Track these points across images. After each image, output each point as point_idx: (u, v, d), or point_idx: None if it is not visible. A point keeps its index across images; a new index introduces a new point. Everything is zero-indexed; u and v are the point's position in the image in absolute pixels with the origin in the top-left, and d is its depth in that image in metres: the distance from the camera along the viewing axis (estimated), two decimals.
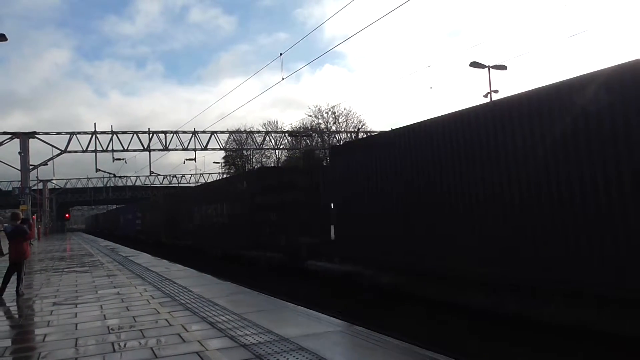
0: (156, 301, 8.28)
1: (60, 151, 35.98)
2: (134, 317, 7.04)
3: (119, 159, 39.10)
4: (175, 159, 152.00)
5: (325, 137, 48.79)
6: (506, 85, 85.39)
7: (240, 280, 11.34)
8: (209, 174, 69.43)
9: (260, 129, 54.99)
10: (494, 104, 9.84)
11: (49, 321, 7.16)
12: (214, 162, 62.98)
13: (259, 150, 48.83)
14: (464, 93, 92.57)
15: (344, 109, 54.17)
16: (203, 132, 38.81)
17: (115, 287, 10.24)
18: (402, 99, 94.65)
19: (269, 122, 61.41)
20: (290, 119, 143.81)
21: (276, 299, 8.18)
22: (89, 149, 36.38)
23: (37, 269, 15.31)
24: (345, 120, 54.16)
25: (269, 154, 54.16)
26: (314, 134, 49.47)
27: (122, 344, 5.64)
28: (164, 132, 38.20)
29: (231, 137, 50.30)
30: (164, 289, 9.60)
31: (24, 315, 7.99)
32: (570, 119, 6.77)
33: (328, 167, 13.72)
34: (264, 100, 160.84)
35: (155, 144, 37.87)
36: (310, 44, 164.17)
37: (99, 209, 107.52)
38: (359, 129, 50.09)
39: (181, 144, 38.34)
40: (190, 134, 38.50)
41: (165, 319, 6.78)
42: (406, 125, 10.17)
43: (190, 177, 73.49)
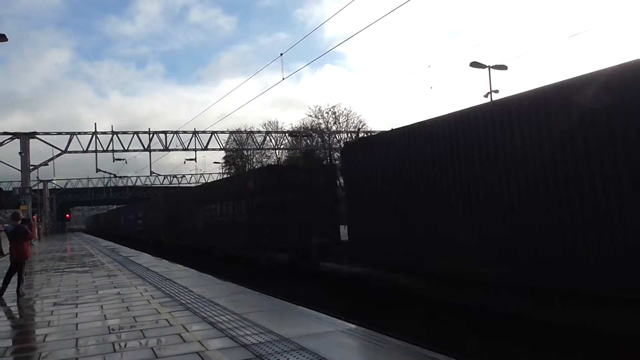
0: (157, 301, 8.29)
1: (60, 151, 35.97)
2: (134, 317, 7.05)
3: (120, 159, 39.06)
4: (175, 159, 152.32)
5: (326, 137, 48.82)
6: (506, 85, 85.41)
7: (240, 280, 11.32)
8: (209, 174, 69.52)
9: (261, 129, 55.11)
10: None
11: (49, 321, 7.17)
12: (215, 162, 63.16)
13: (259, 151, 48.78)
14: (465, 93, 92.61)
15: (344, 109, 54.25)
16: (203, 132, 38.79)
17: (115, 287, 10.25)
18: (403, 99, 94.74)
19: (269, 122, 61.58)
20: (290, 119, 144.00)
21: (277, 299, 8.19)
22: (89, 149, 36.35)
23: (38, 269, 15.32)
24: (346, 120, 54.21)
25: (269, 154, 54.19)
26: (314, 134, 49.47)
27: (123, 344, 5.64)
28: (165, 132, 38.18)
29: (231, 137, 50.35)
30: (164, 289, 9.61)
31: (25, 316, 8.00)
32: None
33: (340, 166, 13.21)
34: (264, 100, 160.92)
35: (155, 144, 37.88)
36: (311, 44, 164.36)
37: (99, 209, 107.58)
38: (359, 129, 50.10)
39: (181, 144, 38.35)
40: (191, 134, 38.47)
41: (166, 319, 6.79)
42: (430, 118, 9.70)
43: (191, 177, 73.58)
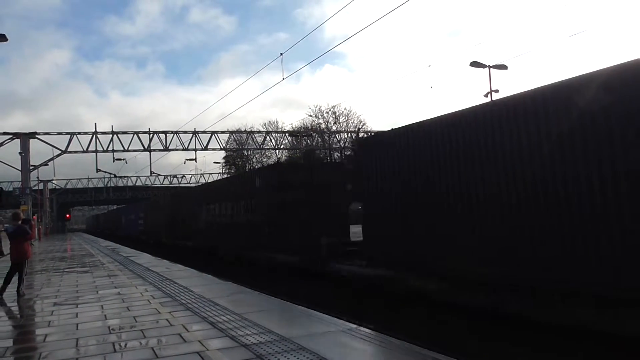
0: (157, 301, 8.29)
1: (60, 151, 35.97)
2: (134, 317, 7.05)
3: (120, 159, 39.07)
4: (175, 159, 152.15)
5: (326, 137, 48.83)
6: (507, 85, 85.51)
7: (241, 280, 11.32)
8: (210, 174, 69.51)
9: (261, 129, 55.22)
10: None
11: (49, 321, 7.16)
12: (215, 162, 63.19)
13: (259, 150, 48.78)
14: (465, 93, 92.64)
15: (345, 109, 54.36)
16: (203, 132, 38.77)
17: (115, 288, 10.25)
18: (403, 98, 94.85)
19: (270, 122, 61.72)
20: (290, 119, 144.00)
21: (277, 299, 8.19)
22: (89, 149, 36.34)
23: (38, 269, 15.33)
24: (346, 120, 54.29)
25: (269, 154, 54.22)
26: (314, 134, 49.51)
27: (123, 344, 5.64)
28: (165, 132, 38.16)
29: (231, 137, 50.41)
30: (164, 289, 9.61)
31: (25, 316, 8.00)
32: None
33: (356, 162, 12.57)
34: (264, 100, 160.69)
35: (155, 144, 37.87)
36: (310, 44, 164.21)
37: (99, 209, 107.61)
38: (359, 128, 50.16)
39: (181, 144, 38.34)
40: (191, 134, 38.46)
41: (166, 319, 6.79)
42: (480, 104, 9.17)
43: (191, 177, 73.57)
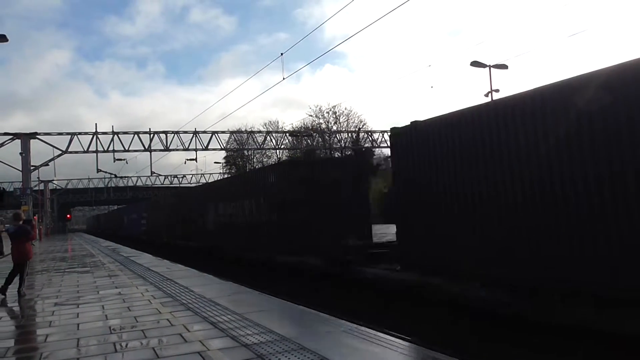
0: (157, 301, 8.29)
1: (61, 152, 36.02)
2: (135, 317, 7.05)
3: (120, 160, 39.15)
4: (176, 159, 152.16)
5: (326, 137, 48.84)
6: (507, 85, 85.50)
7: (241, 280, 11.31)
8: (210, 174, 69.56)
9: (261, 129, 55.30)
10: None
11: (50, 321, 7.16)
12: (215, 162, 63.17)
13: (260, 150, 48.79)
14: (465, 92, 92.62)
15: (345, 109, 54.48)
16: (204, 132, 38.82)
17: (116, 288, 10.25)
18: (403, 98, 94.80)
19: (270, 122, 61.80)
20: (291, 119, 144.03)
21: (277, 299, 8.18)
22: (90, 150, 36.38)
23: (39, 269, 15.33)
24: (346, 120, 54.39)
25: (269, 154, 54.28)
26: (314, 134, 49.53)
27: (124, 344, 5.64)
28: (165, 133, 38.20)
29: (232, 137, 50.48)
30: (165, 289, 9.61)
31: (26, 316, 8.00)
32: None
33: (395, 151, 10.90)
34: (264, 100, 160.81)
35: (156, 144, 37.92)
36: (311, 44, 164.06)
37: (100, 209, 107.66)
38: (359, 128, 50.18)
39: (182, 144, 38.36)
40: (191, 134, 38.49)
41: (167, 319, 6.79)
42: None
43: (191, 178, 73.61)
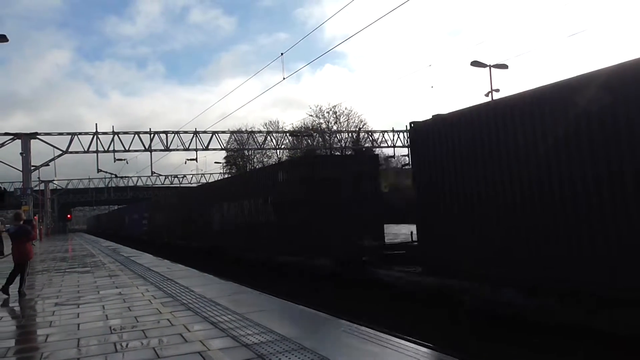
0: (158, 301, 8.30)
1: (61, 152, 35.99)
2: (135, 317, 7.05)
3: (121, 160, 39.10)
4: (176, 159, 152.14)
5: (327, 137, 48.85)
6: (507, 85, 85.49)
7: (241, 280, 11.32)
8: (210, 174, 69.55)
9: (262, 129, 55.27)
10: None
11: (51, 321, 7.17)
12: (215, 162, 63.11)
13: (260, 150, 48.77)
14: (465, 92, 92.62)
15: (345, 109, 54.58)
16: (204, 132, 38.76)
17: (117, 288, 10.26)
18: (403, 98, 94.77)
19: (270, 122, 61.84)
20: (291, 119, 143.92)
21: (278, 299, 8.18)
22: (90, 150, 36.33)
23: (39, 269, 15.34)
24: (347, 120, 54.46)
25: (270, 154, 54.29)
26: (315, 134, 49.52)
27: (124, 344, 5.65)
28: (165, 133, 38.14)
29: (232, 137, 50.44)
30: (165, 289, 9.62)
31: (27, 316, 8.01)
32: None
33: (415, 148, 10.27)
34: (264, 100, 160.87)
35: (156, 144, 37.86)
36: (311, 44, 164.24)
37: (100, 209, 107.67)
38: (360, 128, 50.21)
39: (182, 144, 38.31)
40: (192, 134, 38.44)
41: (167, 319, 6.79)
42: None
43: (192, 178, 73.61)
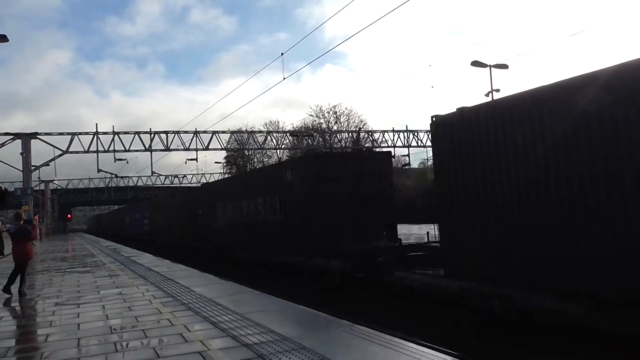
0: (158, 301, 8.30)
1: (61, 152, 36.03)
2: (136, 317, 7.05)
3: (121, 160, 39.18)
4: (176, 159, 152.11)
5: (327, 137, 48.84)
6: (508, 84, 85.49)
7: (242, 280, 11.31)
8: (211, 174, 69.52)
9: (262, 129, 55.26)
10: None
11: (51, 321, 7.17)
12: (216, 162, 63.04)
13: (260, 150, 48.79)
14: (466, 92, 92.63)
15: (345, 109, 54.53)
16: (204, 132, 38.80)
17: (117, 287, 10.26)
18: (403, 98, 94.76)
19: (270, 122, 61.84)
20: (291, 119, 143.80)
21: (278, 299, 8.19)
22: (90, 150, 36.39)
23: (40, 269, 15.34)
24: (347, 120, 54.43)
25: (270, 154, 54.28)
26: (315, 134, 49.51)
27: (125, 344, 5.65)
28: (166, 133, 38.18)
29: (232, 137, 50.38)
30: (166, 289, 9.62)
31: (27, 316, 8.02)
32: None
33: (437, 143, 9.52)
34: (265, 100, 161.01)
35: (156, 144, 37.91)
36: (311, 44, 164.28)
37: (100, 209, 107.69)
38: (360, 128, 50.18)
39: (182, 144, 38.36)
40: (192, 134, 38.47)
41: (168, 319, 6.79)
42: None
43: (192, 178, 73.61)
